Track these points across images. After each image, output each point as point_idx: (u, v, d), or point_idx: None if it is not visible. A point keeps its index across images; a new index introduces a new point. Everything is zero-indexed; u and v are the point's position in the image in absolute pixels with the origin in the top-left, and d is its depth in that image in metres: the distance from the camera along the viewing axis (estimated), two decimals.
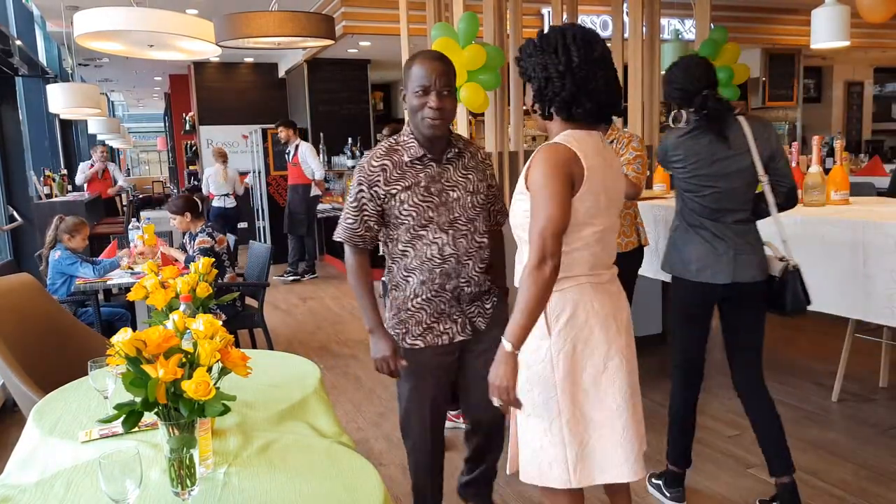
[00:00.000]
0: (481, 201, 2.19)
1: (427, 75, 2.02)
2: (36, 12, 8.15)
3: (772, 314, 2.57)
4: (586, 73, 1.75)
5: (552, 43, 1.79)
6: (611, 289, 1.88)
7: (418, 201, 2.09)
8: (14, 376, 2.45)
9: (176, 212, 4.36)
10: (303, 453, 1.65)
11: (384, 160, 2.10)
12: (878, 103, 12.04)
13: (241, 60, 10.74)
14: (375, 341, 2.17)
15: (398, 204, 2.09)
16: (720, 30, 5.04)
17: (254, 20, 3.75)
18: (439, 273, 2.13)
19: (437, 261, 2.12)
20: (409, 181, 2.09)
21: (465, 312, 2.21)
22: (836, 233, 2.96)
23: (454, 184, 2.14)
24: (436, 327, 2.20)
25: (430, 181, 2.11)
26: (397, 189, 2.08)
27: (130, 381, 1.26)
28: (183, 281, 2.06)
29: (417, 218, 2.09)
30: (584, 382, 1.81)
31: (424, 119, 2.04)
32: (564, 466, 1.80)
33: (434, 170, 2.12)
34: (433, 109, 2.02)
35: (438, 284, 2.14)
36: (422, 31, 5.16)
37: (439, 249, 2.11)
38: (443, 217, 2.11)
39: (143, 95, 16.66)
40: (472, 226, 2.16)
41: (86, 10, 3.24)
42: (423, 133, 2.07)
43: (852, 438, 3.26)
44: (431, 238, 2.11)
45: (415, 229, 2.10)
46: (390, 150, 2.12)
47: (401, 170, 2.09)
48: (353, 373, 4.57)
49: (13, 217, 6.49)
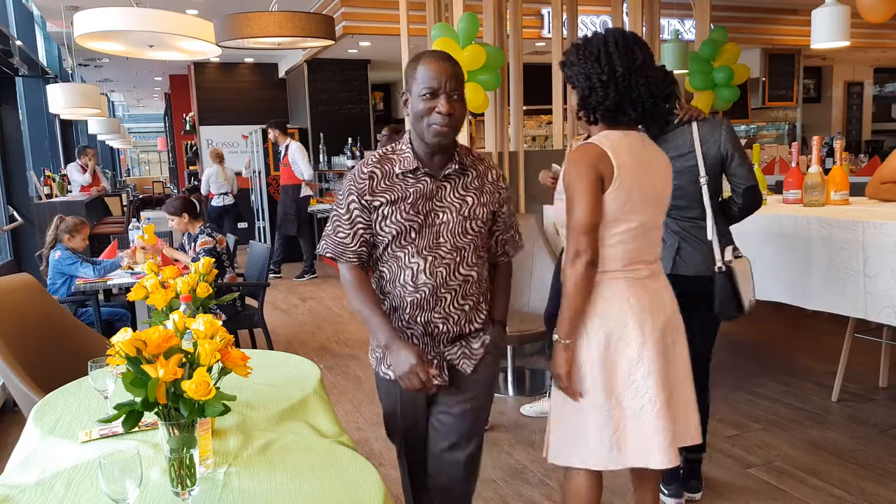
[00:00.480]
0: (476, 228, 1.90)
1: (436, 77, 1.79)
2: (36, 12, 8.15)
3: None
4: (629, 81, 1.80)
5: (594, 51, 1.83)
6: (651, 284, 1.91)
7: (401, 218, 1.84)
8: (14, 376, 2.45)
9: (173, 213, 4.36)
10: (303, 453, 1.65)
11: (374, 168, 1.88)
12: (877, 103, 12.04)
13: (241, 60, 10.75)
14: (396, 354, 1.84)
15: (380, 218, 1.86)
16: (720, 30, 5.05)
17: (254, 20, 3.75)
18: (410, 303, 1.88)
19: (409, 288, 1.88)
20: (396, 195, 1.84)
21: (442, 354, 1.94)
22: (836, 233, 2.96)
23: (446, 205, 1.88)
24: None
25: (419, 198, 1.85)
26: (381, 201, 1.85)
27: (130, 381, 1.26)
28: (183, 281, 2.06)
29: (397, 237, 1.86)
30: (619, 372, 1.87)
31: (431, 126, 1.80)
32: (599, 449, 1.89)
33: (427, 186, 1.86)
34: (442, 115, 1.79)
35: (409, 315, 1.90)
36: (422, 31, 5.17)
37: (413, 276, 1.87)
38: (424, 240, 1.86)
39: (143, 95, 16.66)
40: (457, 255, 1.88)
41: (86, 10, 3.25)
42: (429, 141, 1.83)
43: (852, 438, 3.26)
44: (407, 262, 1.87)
45: (392, 249, 1.88)
46: (383, 158, 1.90)
47: (389, 181, 1.86)
48: (353, 373, 4.57)
49: (13, 217, 6.49)
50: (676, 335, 1.97)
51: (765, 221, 3.33)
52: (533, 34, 7.84)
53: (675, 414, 1.92)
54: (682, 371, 1.98)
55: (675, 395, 1.94)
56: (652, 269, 1.93)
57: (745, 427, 3.42)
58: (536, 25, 7.87)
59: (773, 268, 3.31)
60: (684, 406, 1.97)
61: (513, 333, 3.72)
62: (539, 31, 7.92)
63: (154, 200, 16.32)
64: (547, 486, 2.90)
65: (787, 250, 3.22)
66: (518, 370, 4.25)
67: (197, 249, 4.23)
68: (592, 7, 7.70)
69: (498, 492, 2.87)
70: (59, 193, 7.60)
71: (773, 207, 3.48)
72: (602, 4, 7.56)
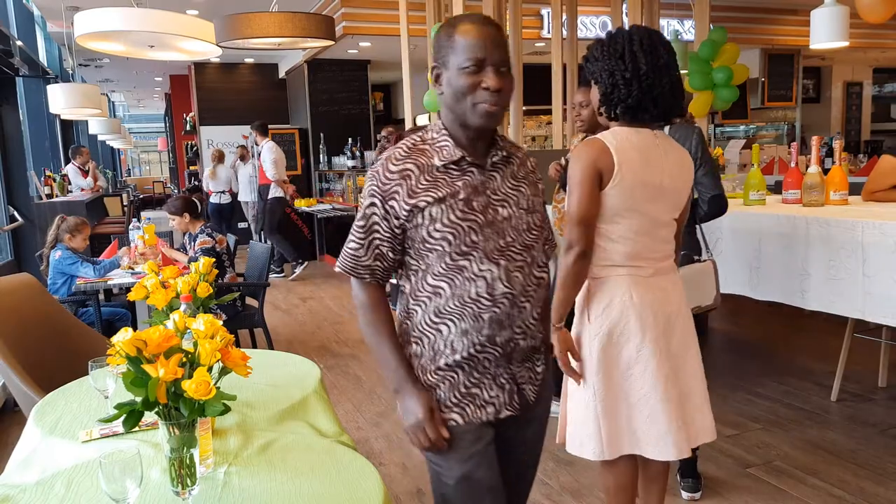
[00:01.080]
0: (538, 222, 1.61)
1: (481, 45, 1.46)
2: (36, 13, 8.16)
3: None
4: (652, 80, 1.82)
5: (619, 48, 1.85)
6: (657, 282, 1.93)
7: (456, 219, 1.49)
8: (14, 376, 2.45)
9: (174, 213, 4.36)
10: (303, 453, 1.65)
11: (406, 164, 1.51)
12: (877, 104, 12.05)
13: (241, 61, 10.75)
14: (404, 402, 1.55)
15: (427, 222, 1.49)
16: (719, 30, 5.05)
17: (254, 21, 3.75)
18: (488, 320, 1.52)
19: (485, 302, 1.51)
20: (443, 191, 1.49)
21: (514, 377, 1.59)
22: (835, 233, 2.97)
23: (503, 197, 1.55)
24: (478, 394, 1.56)
25: (471, 192, 1.51)
26: (426, 202, 1.48)
27: (131, 381, 1.26)
28: (183, 281, 2.06)
29: (456, 242, 1.49)
30: (619, 366, 1.92)
31: (478, 105, 1.47)
32: (598, 440, 1.94)
33: (476, 178, 1.53)
34: (490, 91, 1.46)
35: (486, 336, 1.52)
36: (422, 31, 5.18)
37: (488, 287, 1.51)
38: (491, 242, 1.51)
39: (144, 96, 16.66)
40: (528, 255, 1.57)
41: (86, 10, 3.25)
42: (474, 124, 1.50)
43: (851, 438, 3.26)
44: (477, 270, 1.50)
45: (452, 258, 1.50)
46: (414, 149, 1.54)
47: (430, 176, 1.50)
48: (353, 372, 4.57)
49: (14, 217, 6.50)
50: (683, 333, 1.98)
51: (764, 221, 3.34)
52: (533, 34, 7.84)
53: (682, 411, 1.94)
54: (691, 368, 2.00)
55: (682, 393, 1.95)
56: (658, 267, 1.94)
57: (744, 427, 3.43)
58: (536, 26, 7.88)
59: (773, 268, 3.31)
60: (695, 404, 1.99)
61: None
62: (539, 32, 7.93)
63: (154, 200, 16.33)
64: (547, 486, 2.90)
65: (786, 250, 3.22)
66: None
67: (196, 249, 4.23)
68: (592, 7, 7.70)
69: None
70: (59, 193, 7.60)
71: (772, 207, 3.49)
72: (602, 5, 7.57)
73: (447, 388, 1.55)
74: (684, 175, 1.95)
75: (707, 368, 2.81)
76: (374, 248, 1.54)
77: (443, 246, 1.50)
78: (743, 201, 3.65)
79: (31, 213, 6.66)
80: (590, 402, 1.94)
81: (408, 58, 5.17)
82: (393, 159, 1.53)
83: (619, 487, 2.07)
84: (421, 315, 1.55)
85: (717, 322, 5.36)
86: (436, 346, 1.55)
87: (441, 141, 1.54)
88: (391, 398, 4.04)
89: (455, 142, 1.54)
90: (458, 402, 1.55)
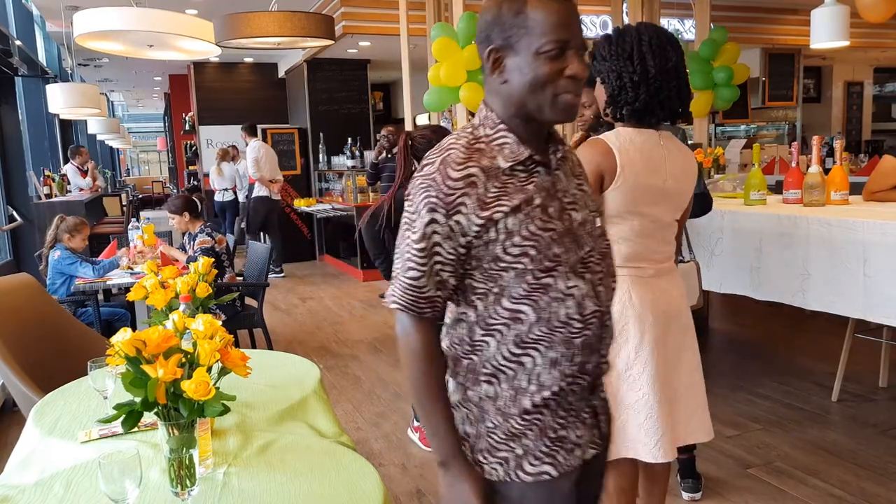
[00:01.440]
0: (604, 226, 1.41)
1: (563, 23, 1.22)
2: (36, 12, 8.15)
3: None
4: (661, 83, 1.80)
5: (627, 49, 1.82)
6: (658, 283, 1.92)
7: (537, 229, 1.24)
8: (13, 376, 2.44)
9: (174, 212, 4.36)
10: (302, 453, 1.64)
11: (469, 167, 1.22)
12: (877, 103, 12.04)
13: (240, 60, 10.74)
14: (455, 483, 1.28)
15: (502, 237, 1.23)
16: (720, 30, 5.05)
17: (253, 20, 3.75)
18: (580, 345, 1.28)
19: (576, 325, 1.27)
20: (517, 198, 1.24)
21: (595, 409, 1.36)
22: (836, 233, 2.96)
23: (573, 200, 1.32)
24: (567, 437, 1.30)
25: (545, 197, 1.27)
26: (502, 212, 1.22)
27: (130, 381, 1.26)
28: (182, 281, 2.06)
29: (538, 257, 1.24)
30: (617, 368, 1.90)
31: (560, 97, 1.23)
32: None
33: (544, 179, 1.28)
34: (575, 80, 1.23)
35: (578, 364, 1.28)
36: (421, 31, 5.17)
37: (578, 306, 1.27)
38: (572, 254, 1.28)
39: (143, 95, 16.66)
40: (605, 265, 1.35)
41: (85, 10, 3.25)
42: (550, 118, 1.26)
43: (852, 438, 3.26)
44: (564, 288, 1.26)
45: (535, 275, 1.25)
46: (472, 148, 1.25)
47: (498, 181, 1.23)
48: (352, 373, 4.57)
49: (13, 217, 6.49)
50: (683, 333, 1.97)
51: (765, 221, 3.33)
52: None
53: (679, 411, 1.94)
54: (689, 368, 2.00)
55: (677, 394, 1.95)
56: (659, 268, 1.93)
57: (745, 427, 3.42)
58: None
59: (773, 268, 3.31)
60: (690, 405, 1.99)
61: None
62: None
63: (154, 200, 16.31)
64: None
65: (786, 250, 3.22)
66: None
67: (195, 249, 4.23)
68: (592, 7, 7.69)
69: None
70: (58, 193, 7.60)
71: (773, 207, 3.48)
72: (602, 4, 7.56)
73: (535, 435, 1.26)
74: (688, 177, 1.95)
75: (707, 368, 2.80)
76: (435, 275, 1.24)
77: (523, 263, 1.24)
78: (743, 201, 3.64)
79: (31, 213, 6.65)
80: None
81: (407, 57, 5.17)
82: (453, 163, 1.23)
83: (620, 490, 2.07)
84: (495, 347, 1.27)
85: (717, 322, 5.36)
86: (517, 384, 1.26)
87: (499, 138, 1.27)
88: (390, 399, 4.04)
89: (519, 138, 1.27)
90: (549, 449, 1.27)
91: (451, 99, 4.26)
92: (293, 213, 9.52)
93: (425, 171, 1.24)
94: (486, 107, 1.30)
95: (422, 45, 5.36)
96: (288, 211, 9.46)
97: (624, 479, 2.06)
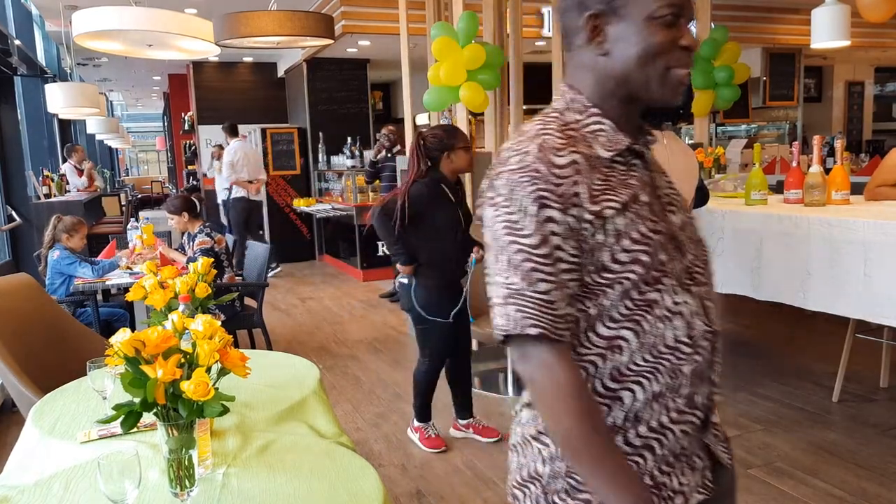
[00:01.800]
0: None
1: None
2: (35, 12, 8.15)
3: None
4: None
5: None
6: None
7: (648, 231, 1.03)
8: (13, 377, 2.44)
9: (173, 212, 4.35)
10: (302, 454, 1.64)
11: (571, 153, 1.01)
12: (878, 103, 12.04)
13: (239, 60, 10.73)
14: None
15: (612, 240, 1.01)
16: (720, 29, 5.04)
17: (253, 20, 3.74)
18: (689, 374, 1.06)
19: (685, 350, 1.06)
20: (624, 194, 1.03)
21: (709, 447, 1.15)
22: (837, 233, 2.96)
23: (669, 199, 1.13)
24: (667, 484, 1.08)
25: (649, 194, 1.07)
26: (612, 209, 1.01)
27: (129, 382, 1.25)
28: (182, 281, 2.05)
29: (649, 264, 1.03)
30: None
31: (673, 72, 1.04)
32: None
33: (643, 173, 1.09)
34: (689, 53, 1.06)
35: (686, 397, 1.07)
36: (421, 30, 5.16)
37: (687, 327, 1.06)
38: (676, 263, 1.07)
39: (142, 95, 16.65)
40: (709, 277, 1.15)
41: (85, 9, 3.24)
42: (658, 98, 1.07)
43: (853, 439, 3.25)
44: (672, 305, 1.05)
45: (641, 290, 1.03)
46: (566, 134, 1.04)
47: (601, 173, 1.03)
48: (352, 373, 4.56)
49: (12, 217, 6.49)
50: None
51: (765, 221, 3.33)
52: (533, 33, 7.83)
53: None
54: None
55: None
56: None
57: (745, 427, 3.42)
58: (536, 25, 7.86)
59: (774, 268, 3.30)
60: None
61: None
62: (539, 31, 7.91)
63: (153, 200, 16.31)
64: None
65: (787, 250, 3.21)
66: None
67: (195, 249, 4.23)
68: None
69: (497, 492, 2.87)
70: (57, 193, 7.60)
71: (773, 207, 3.48)
72: None
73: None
74: (689, 177, 1.94)
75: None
76: (564, 286, 0.99)
77: (633, 273, 1.02)
78: (744, 201, 3.64)
79: (30, 213, 6.65)
80: None
81: (407, 57, 5.16)
82: (553, 148, 1.01)
83: None
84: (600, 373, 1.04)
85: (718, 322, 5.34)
86: (611, 421, 1.05)
87: (592, 123, 1.07)
88: (390, 399, 4.03)
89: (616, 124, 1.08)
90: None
91: (451, 99, 4.26)
92: (293, 213, 9.51)
93: (519, 164, 1.00)
94: (571, 88, 1.10)
95: (422, 44, 5.35)
96: (287, 211, 9.45)
97: None
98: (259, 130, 9.49)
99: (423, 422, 3.35)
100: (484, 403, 3.75)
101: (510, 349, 1.03)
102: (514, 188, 0.99)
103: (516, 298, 0.98)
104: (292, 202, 9.29)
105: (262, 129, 9.44)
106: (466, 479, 3.00)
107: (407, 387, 4.03)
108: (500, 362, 4.35)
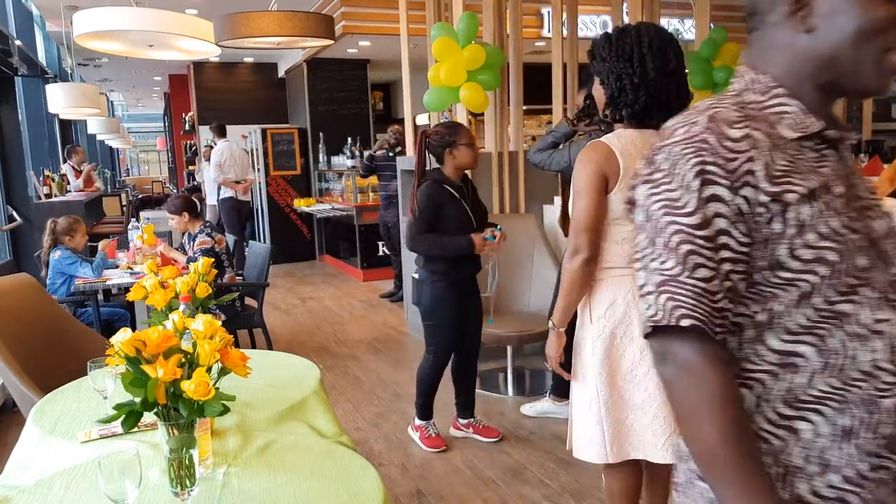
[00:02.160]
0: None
1: None
2: (35, 12, 8.16)
3: None
4: (660, 85, 1.81)
5: (627, 50, 1.83)
6: None
7: (841, 227, 0.88)
8: (13, 376, 2.44)
9: (174, 212, 4.36)
10: (302, 454, 1.64)
11: (749, 128, 0.88)
12: (878, 103, 12.04)
13: (240, 60, 10.74)
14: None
15: (791, 230, 0.86)
16: (720, 30, 5.05)
17: (253, 20, 3.75)
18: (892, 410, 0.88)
19: (885, 380, 0.88)
20: (813, 180, 0.88)
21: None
22: None
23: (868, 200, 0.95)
24: None
25: (846, 187, 0.91)
26: (795, 193, 0.86)
27: (130, 382, 1.26)
28: (182, 281, 2.06)
29: (840, 267, 0.87)
30: (622, 368, 1.92)
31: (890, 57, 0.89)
32: (602, 443, 1.94)
33: (836, 164, 0.93)
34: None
35: (887, 438, 0.88)
36: (421, 31, 5.17)
37: (891, 351, 0.88)
38: (880, 272, 0.90)
39: (143, 95, 16.66)
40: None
41: (85, 9, 3.25)
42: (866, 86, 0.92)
43: None
44: (871, 321, 0.88)
45: (829, 298, 0.87)
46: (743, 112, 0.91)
47: (786, 154, 0.88)
48: (352, 373, 4.57)
49: (12, 217, 6.49)
50: None
51: None
52: (533, 34, 7.84)
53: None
54: None
55: None
56: None
57: None
58: (536, 25, 7.87)
59: None
60: None
61: (512, 333, 3.72)
62: (539, 31, 7.92)
63: (153, 200, 16.32)
64: (547, 487, 2.89)
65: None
66: (518, 370, 4.25)
67: (195, 249, 4.23)
68: (592, 6, 7.69)
69: (497, 492, 2.87)
70: (58, 193, 7.60)
71: None
72: (602, 4, 7.55)
73: None
74: None
75: None
76: (725, 277, 0.86)
77: (815, 274, 0.86)
78: None
79: (30, 213, 6.65)
80: (592, 404, 1.94)
81: (407, 57, 5.17)
82: (727, 120, 0.88)
83: (623, 492, 2.06)
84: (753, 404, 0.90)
85: None
86: (787, 460, 0.88)
87: (775, 105, 0.92)
88: (390, 399, 4.04)
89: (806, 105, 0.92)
90: None
91: (451, 99, 4.26)
92: (293, 214, 9.51)
93: (685, 134, 0.88)
94: (753, 69, 0.96)
95: (422, 44, 5.36)
96: (288, 211, 9.45)
97: (628, 481, 2.06)
98: (259, 131, 9.49)
99: (424, 420, 3.35)
100: (484, 403, 3.75)
101: (650, 347, 0.89)
102: (677, 161, 0.87)
103: (670, 285, 0.85)
104: (293, 202, 9.28)
105: (262, 129, 9.44)
106: (466, 478, 3.01)
107: (407, 387, 4.03)
108: (500, 362, 4.35)
